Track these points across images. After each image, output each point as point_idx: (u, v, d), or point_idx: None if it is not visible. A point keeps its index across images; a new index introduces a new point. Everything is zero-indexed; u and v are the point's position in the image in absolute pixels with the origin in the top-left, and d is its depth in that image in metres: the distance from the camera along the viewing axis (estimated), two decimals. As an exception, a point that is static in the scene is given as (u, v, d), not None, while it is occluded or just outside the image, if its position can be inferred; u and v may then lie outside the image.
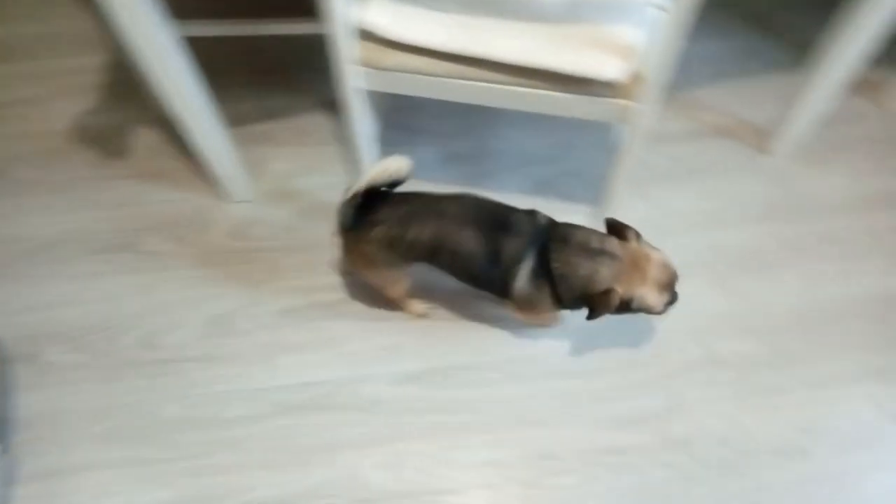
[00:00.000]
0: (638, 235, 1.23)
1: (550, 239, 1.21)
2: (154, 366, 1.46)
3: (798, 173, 1.73)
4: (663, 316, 1.26)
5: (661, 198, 1.69)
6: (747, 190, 1.71)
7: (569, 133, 1.81)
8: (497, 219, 1.23)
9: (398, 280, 1.42)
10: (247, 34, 1.22)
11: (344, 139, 1.76)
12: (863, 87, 1.86)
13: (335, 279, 1.57)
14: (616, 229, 1.24)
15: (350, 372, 1.46)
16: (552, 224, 1.25)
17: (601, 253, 1.19)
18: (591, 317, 1.21)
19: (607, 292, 1.17)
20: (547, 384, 1.44)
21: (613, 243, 1.20)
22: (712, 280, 1.57)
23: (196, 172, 1.70)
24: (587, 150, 1.78)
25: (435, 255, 1.26)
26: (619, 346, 1.47)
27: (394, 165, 1.17)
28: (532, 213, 1.25)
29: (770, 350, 1.48)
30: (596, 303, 1.19)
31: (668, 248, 1.23)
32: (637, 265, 1.19)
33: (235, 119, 1.78)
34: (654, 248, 1.23)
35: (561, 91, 1.09)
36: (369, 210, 1.22)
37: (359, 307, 1.54)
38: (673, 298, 1.24)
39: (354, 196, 1.19)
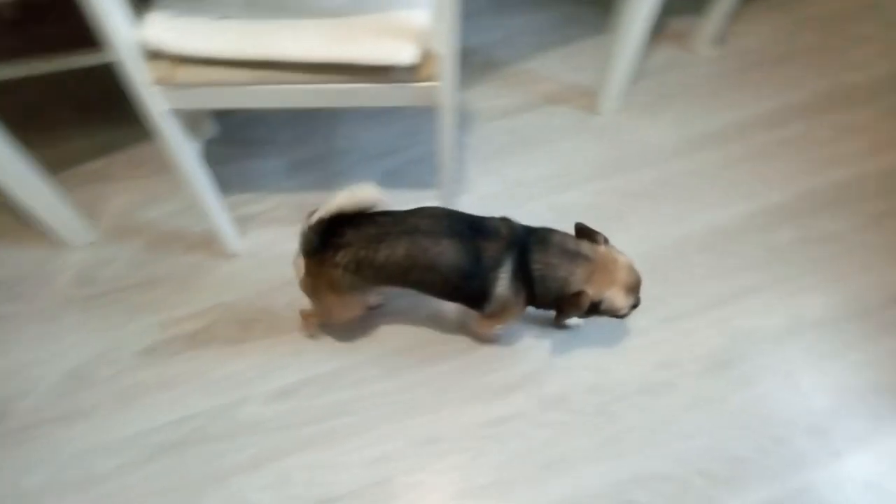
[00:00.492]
0: (605, 239, 1.27)
1: (531, 241, 1.22)
2: (9, 436, 1.37)
3: (628, 126, 1.83)
4: (626, 319, 1.32)
5: (507, 171, 1.74)
6: (585, 150, 1.78)
7: (411, 121, 1.83)
8: (472, 225, 1.22)
9: (356, 306, 1.37)
10: (30, 74, 1.16)
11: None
12: (673, 37, 1.98)
13: (195, 307, 1.53)
14: (585, 233, 1.27)
15: (223, 398, 1.42)
16: (529, 228, 1.26)
17: (577, 255, 1.22)
18: (559, 318, 1.25)
19: (578, 294, 1.20)
20: (421, 372, 1.45)
21: (586, 246, 1.24)
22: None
23: (29, 224, 1.60)
24: (431, 135, 1.80)
25: (408, 273, 1.22)
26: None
27: (362, 194, 1.14)
28: (503, 217, 1.26)
29: (626, 297, 1.56)
30: (567, 304, 1.22)
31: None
32: (607, 268, 1.22)
33: (64, 161, 1.71)
34: (620, 252, 1.27)
35: (362, 83, 1.10)
36: (334, 234, 1.18)
37: (223, 331, 1.50)
38: (636, 302, 1.29)
39: (319, 222, 1.14)
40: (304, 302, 1.53)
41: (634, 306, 1.29)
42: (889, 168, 1.76)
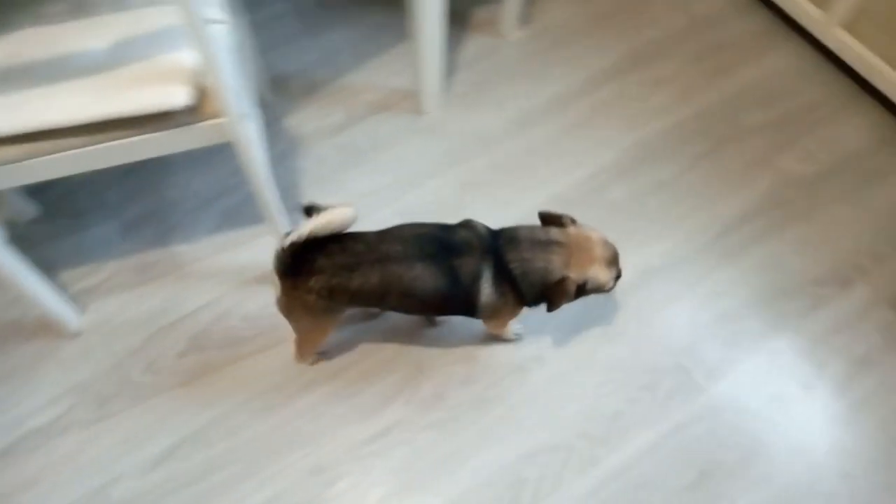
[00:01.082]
0: (573, 220, 1.27)
1: (501, 244, 1.21)
2: None
3: (454, 120, 1.87)
4: (612, 293, 1.33)
5: (348, 186, 1.74)
6: (418, 150, 1.81)
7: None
8: (442, 244, 1.20)
9: (328, 330, 1.35)
10: None
11: None
12: (480, 26, 2.04)
13: (45, 397, 1.44)
14: (551, 219, 1.27)
15: (94, 482, 1.35)
16: (494, 231, 1.25)
17: (549, 243, 1.21)
18: (550, 309, 1.24)
19: (562, 281, 1.20)
20: (291, 406, 1.43)
21: (556, 232, 1.24)
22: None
23: None
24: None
25: (384, 298, 1.21)
26: (350, 345, 1.50)
27: (338, 218, 1.11)
28: (469, 225, 1.25)
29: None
30: (553, 293, 1.22)
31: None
32: (582, 248, 1.23)
33: None
34: (591, 228, 1.27)
35: (145, 133, 1.07)
36: (307, 257, 1.14)
37: (81, 414, 1.42)
38: (618, 273, 1.29)
39: (292, 246, 1.10)
40: (165, 363, 1.48)
41: (617, 277, 1.31)
42: (699, 110, 1.89)
